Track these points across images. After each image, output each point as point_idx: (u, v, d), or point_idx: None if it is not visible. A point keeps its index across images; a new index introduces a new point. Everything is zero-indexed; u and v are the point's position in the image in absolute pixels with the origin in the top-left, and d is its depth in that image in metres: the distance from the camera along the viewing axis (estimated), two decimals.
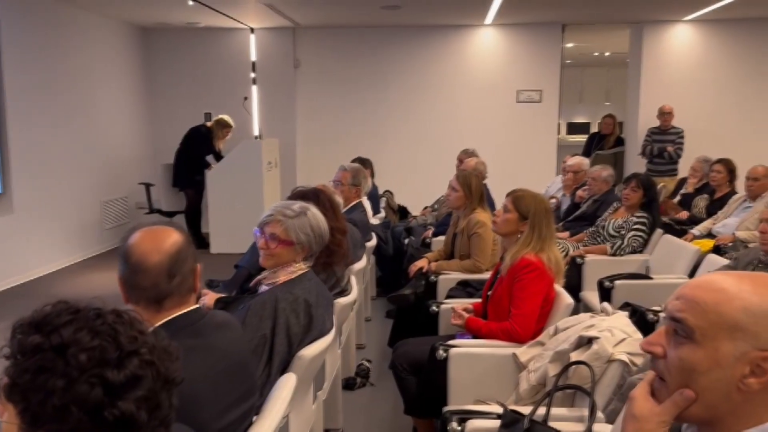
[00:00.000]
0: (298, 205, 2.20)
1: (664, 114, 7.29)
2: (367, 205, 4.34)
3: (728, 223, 4.75)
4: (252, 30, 8.10)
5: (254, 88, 8.21)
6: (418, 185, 7.51)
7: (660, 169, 7.22)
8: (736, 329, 0.89)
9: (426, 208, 6.35)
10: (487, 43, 8.04)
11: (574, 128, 12.60)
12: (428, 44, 8.06)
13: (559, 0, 6.56)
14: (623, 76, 8.84)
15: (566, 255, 4.39)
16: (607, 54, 11.04)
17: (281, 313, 1.97)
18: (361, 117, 8.23)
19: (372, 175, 5.49)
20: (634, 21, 7.78)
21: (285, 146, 7.86)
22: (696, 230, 4.87)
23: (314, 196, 2.66)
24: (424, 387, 2.60)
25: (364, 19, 7.65)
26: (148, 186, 7.29)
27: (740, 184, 5.19)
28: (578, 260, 4.19)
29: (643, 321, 2.84)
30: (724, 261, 3.41)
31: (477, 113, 8.13)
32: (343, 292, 2.76)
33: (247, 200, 6.46)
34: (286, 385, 1.72)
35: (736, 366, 0.89)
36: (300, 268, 2.15)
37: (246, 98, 7.84)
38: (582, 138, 9.47)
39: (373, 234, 4.22)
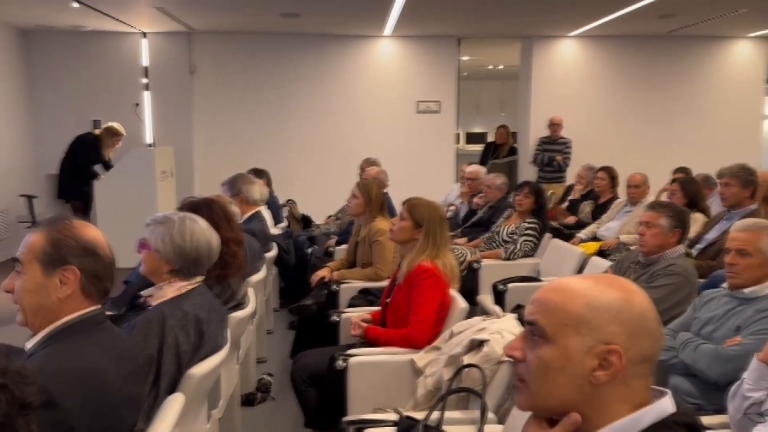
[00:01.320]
0: (179, 214, 2.11)
1: (554, 125, 7.75)
2: (266, 214, 4.26)
3: (611, 227, 5.07)
4: (144, 34, 7.77)
5: (147, 94, 7.86)
6: (322, 194, 7.47)
7: (549, 176, 7.65)
8: (581, 324, 0.95)
9: (330, 216, 6.33)
10: (386, 54, 8.16)
11: (472, 138, 13.10)
12: (329, 53, 8.07)
13: (453, 14, 6.77)
14: (516, 89, 9.26)
15: (464, 261, 4.51)
16: (500, 67, 11.52)
17: (169, 331, 1.88)
18: (262, 125, 8.09)
19: (269, 185, 5.40)
20: (525, 35, 8.17)
21: (181, 154, 7.57)
22: (582, 234, 5.17)
23: (206, 206, 2.56)
24: (323, 398, 2.58)
25: (263, 26, 7.55)
26: (30, 198, 6.78)
27: (622, 190, 5.56)
28: (475, 265, 4.33)
29: None
30: (606, 263, 3.63)
31: (378, 123, 8.22)
32: (240, 306, 2.68)
33: (139, 212, 6.04)
34: (173, 406, 1.64)
35: (585, 360, 0.95)
36: (191, 282, 2.07)
37: (137, 104, 7.50)
38: (480, 147, 9.82)
39: (274, 244, 4.14)
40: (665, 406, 0.96)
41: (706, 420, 1.95)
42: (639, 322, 0.96)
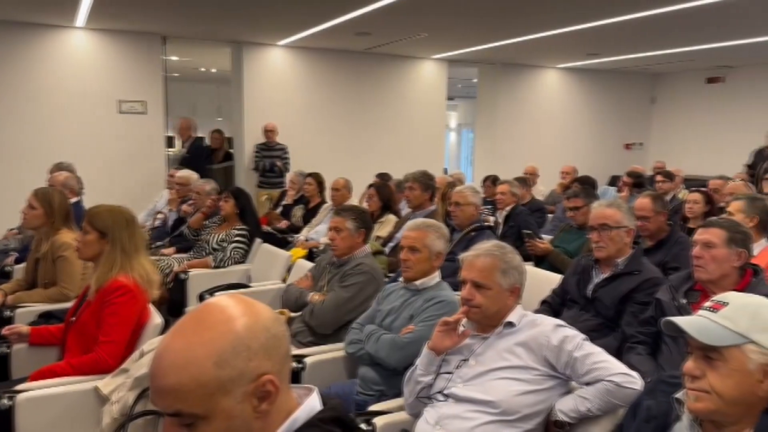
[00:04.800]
0: None
1: (268, 131, 7.92)
2: None
3: (319, 230, 5.32)
4: None
5: None
6: (4, 205, 6.39)
7: (272, 182, 7.81)
8: (224, 384, 0.90)
9: (11, 230, 5.46)
10: (80, 48, 7.33)
11: None
12: (7, 42, 6.95)
13: (154, 10, 6.38)
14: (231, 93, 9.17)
15: (170, 271, 4.29)
16: (213, 70, 11.30)
17: None
18: None
19: None
20: (234, 41, 8.12)
21: None
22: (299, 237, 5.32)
23: None
24: None
25: None
26: None
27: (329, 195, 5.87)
28: (182, 276, 4.13)
29: None
30: (310, 264, 3.76)
31: (74, 123, 7.35)
32: None
33: None
34: None
35: (245, 407, 0.91)
36: None
37: None
38: None
39: None
40: (313, 404, 0.98)
41: (386, 405, 2.14)
42: (268, 335, 0.94)
